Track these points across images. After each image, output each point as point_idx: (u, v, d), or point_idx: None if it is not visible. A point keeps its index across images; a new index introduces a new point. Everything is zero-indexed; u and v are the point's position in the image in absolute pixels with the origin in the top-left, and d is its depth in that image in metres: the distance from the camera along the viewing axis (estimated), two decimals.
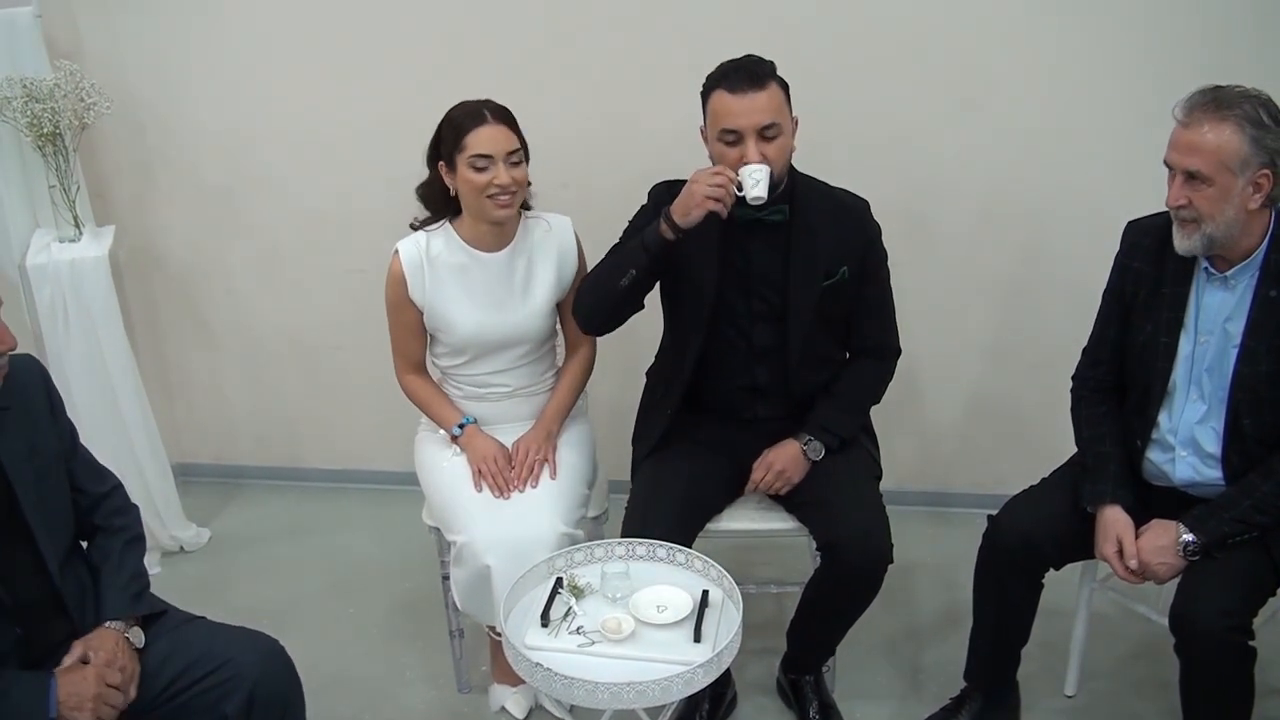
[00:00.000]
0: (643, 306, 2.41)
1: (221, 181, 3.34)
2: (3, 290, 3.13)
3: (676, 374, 2.46)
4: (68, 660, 1.88)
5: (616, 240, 2.45)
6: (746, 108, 2.21)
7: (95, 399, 3.05)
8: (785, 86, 2.28)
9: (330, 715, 2.60)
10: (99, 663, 1.87)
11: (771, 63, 2.28)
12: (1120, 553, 2.15)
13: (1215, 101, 1.99)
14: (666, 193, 2.41)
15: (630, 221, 2.46)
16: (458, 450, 2.51)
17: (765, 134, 2.23)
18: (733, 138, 2.23)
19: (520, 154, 2.38)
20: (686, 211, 2.20)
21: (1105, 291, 2.30)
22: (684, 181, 2.41)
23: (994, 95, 2.92)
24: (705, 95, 2.29)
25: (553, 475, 2.45)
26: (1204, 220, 2.02)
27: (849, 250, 2.37)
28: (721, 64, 2.28)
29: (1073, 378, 2.39)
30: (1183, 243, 2.07)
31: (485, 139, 2.32)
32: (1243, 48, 2.71)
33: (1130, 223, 2.27)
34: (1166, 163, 2.05)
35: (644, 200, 2.47)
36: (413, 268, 2.45)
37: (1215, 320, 2.13)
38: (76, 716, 1.81)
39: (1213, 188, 1.99)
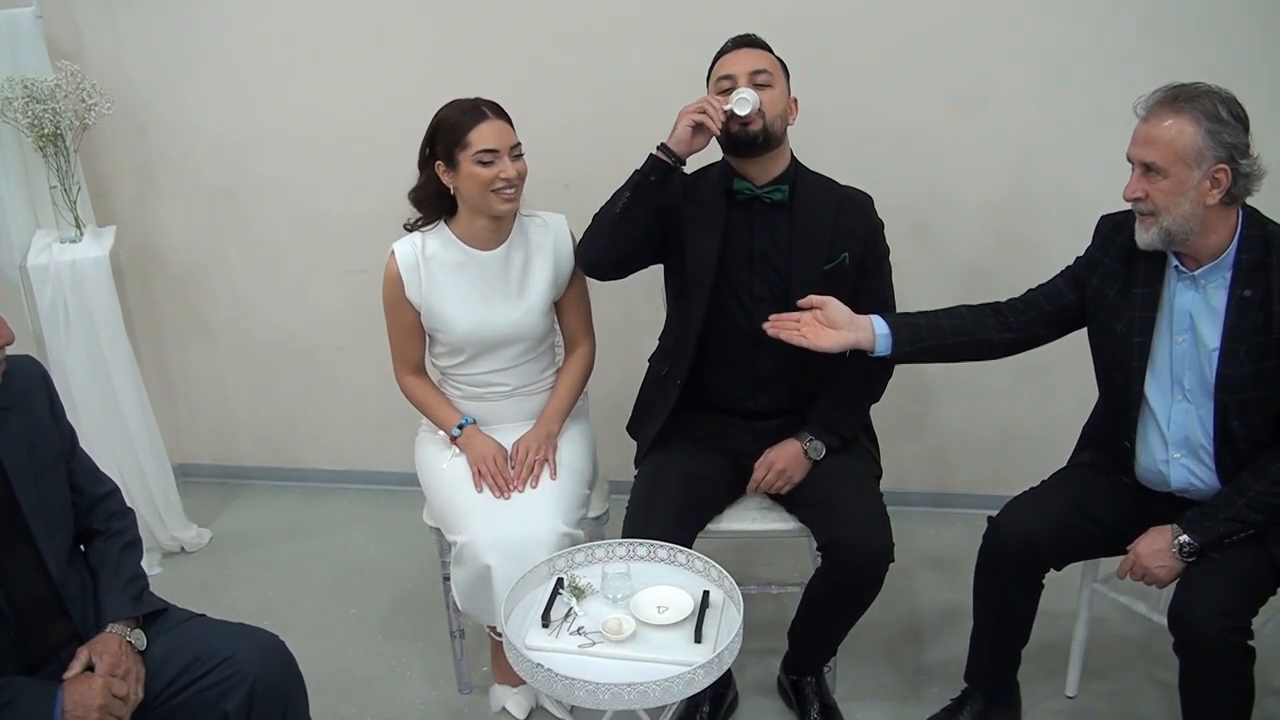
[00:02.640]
0: (644, 263, 2.44)
1: (222, 182, 3.34)
2: (3, 291, 3.16)
3: (681, 352, 2.46)
4: (74, 668, 1.88)
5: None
6: (740, 58, 2.34)
7: (96, 399, 3.06)
8: (785, 67, 2.38)
9: (330, 715, 2.61)
10: (104, 669, 1.86)
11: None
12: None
13: (1174, 96, 2.01)
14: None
15: None
16: (457, 451, 2.51)
17: (756, 79, 2.31)
18: (727, 83, 2.32)
19: (520, 147, 2.41)
20: (673, 130, 2.29)
21: (1074, 261, 2.30)
22: (689, 175, 2.43)
23: (996, 96, 2.92)
24: (709, 75, 2.39)
25: (553, 475, 2.45)
26: (1160, 213, 2.04)
27: (851, 237, 2.39)
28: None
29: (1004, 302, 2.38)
30: (1141, 236, 2.09)
31: (489, 134, 2.35)
32: (1245, 48, 2.71)
33: (1104, 216, 2.28)
34: (1127, 157, 2.08)
35: None
36: (408, 267, 2.46)
37: (1186, 320, 2.13)
38: None
39: (1167, 180, 2.01)
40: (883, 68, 2.93)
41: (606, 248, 2.39)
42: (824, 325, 2.30)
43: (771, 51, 2.37)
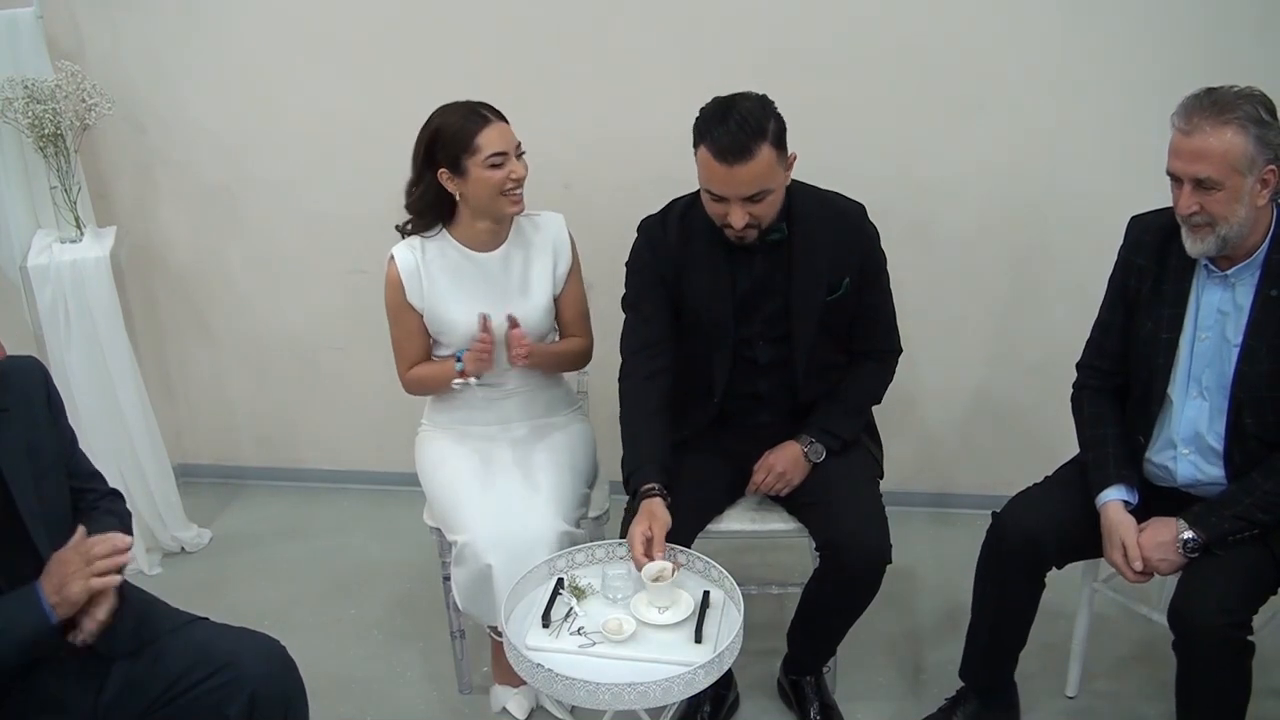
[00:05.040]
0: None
1: (222, 182, 3.34)
2: (4, 291, 3.16)
3: (699, 413, 2.44)
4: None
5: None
6: (731, 179, 2.15)
7: (96, 399, 3.06)
8: (779, 136, 2.19)
9: (331, 716, 2.61)
10: (73, 542, 1.83)
11: (761, 108, 2.17)
12: (1126, 555, 2.15)
13: (1214, 106, 1.99)
14: (659, 225, 2.40)
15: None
16: (474, 381, 2.44)
17: (751, 198, 2.20)
18: (715, 197, 2.22)
19: (521, 145, 2.41)
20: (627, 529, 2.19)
21: (1109, 280, 2.31)
22: (671, 204, 2.40)
23: (995, 98, 2.92)
24: (695, 140, 2.20)
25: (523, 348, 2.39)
26: (1218, 223, 2.02)
27: (849, 260, 2.37)
28: (710, 110, 2.18)
29: (1077, 365, 2.38)
30: (1196, 246, 2.07)
31: (496, 137, 2.35)
32: (1244, 48, 2.71)
33: (1134, 218, 2.28)
34: (1171, 172, 2.04)
35: (642, 208, 2.46)
36: (409, 273, 2.46)
37: (1214, 317, 2.14)
38: (70, 592, 1.78)
39: (1223, 191, 1.99)
40: (883, 71, 2.92)
41: None
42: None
43: (765, 134, 2.13)
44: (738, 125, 2.13)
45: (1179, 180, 2.04)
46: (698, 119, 2.20)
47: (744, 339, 2.39)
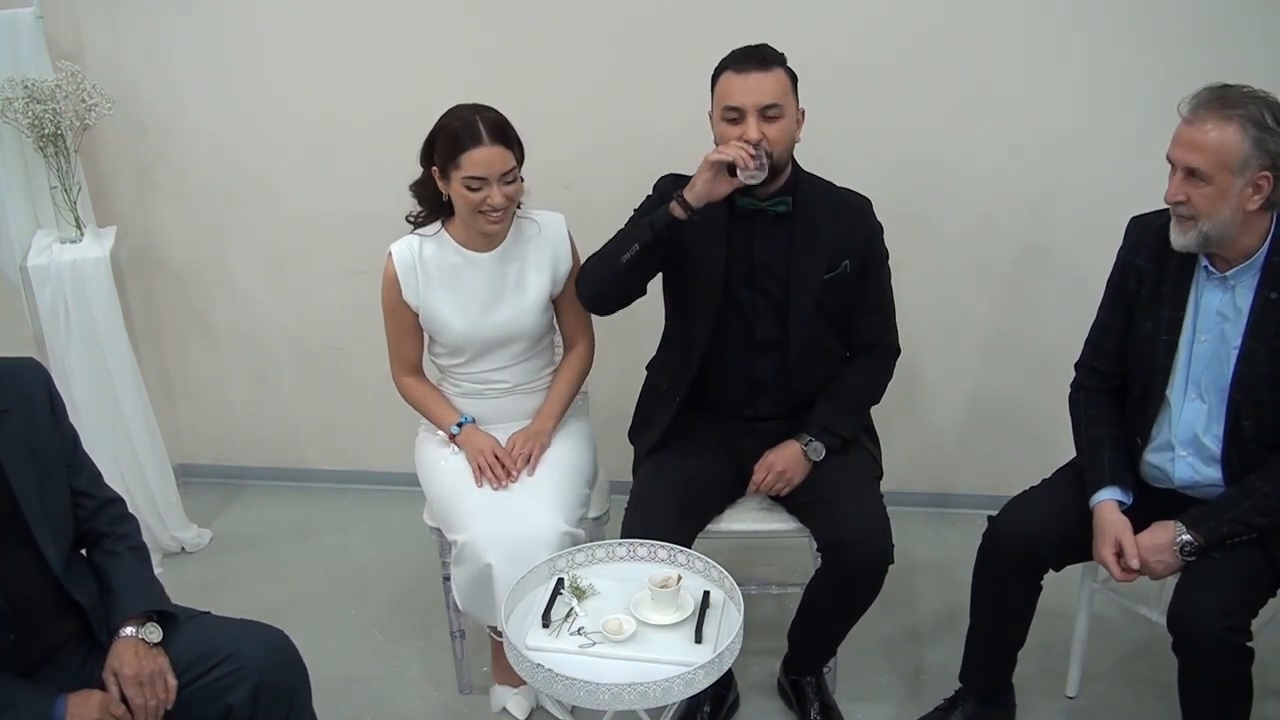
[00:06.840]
0: (645, 292, 2.42)
1: (223, 182, 3.34)
2: (4, 291, 3.16)
3: (682, 367, 2.46)
4: (112, 691, 1.88)
5: (621, 228, 2.45)
6: (750, 86, 2.25)
7: (96, 400, 3.06)
8: (794, 77, 2.31)
9: (331, 716, 2.60)
10: (129, 682, 1.87)
11: (782, 54, 2.31)
12: (1119, 554, 2.15)
13: (1221, 100, 1.99)
14: (673, 185, 2.42)
15: (635, 210, 2.46)
16: (456, 449, 2.51)
17: (767, 113, 2.25)
18: (735, 115, 2.26)
19: (514, 172, 2.37)
20: (694, 185, 2.23)
21: (1108, 281, 2.31)
22: (690, 176, 2.42)
23: (996, 96, 2.92)
24: (714, 79, 2.32)
25: (530, 472, 2.44)
26: (1200, 218, 2.03)
27: (851, 245, 2.38)
28: (733, 50, 2.32)
29: (1076, 366, 2.38)
30: (1179, 239, 2.08)
31: (480, 161, 2.31)
32: (1247, 48, 2.70)
33: (1134, 218, 2.28)
34: (1169, 158, 2.06)
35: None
36: (405, 269, 2.46)
37: (1213, 319, 2.14)
38: None
39: (1211, 186, 2.00)
40: (885, 69, 2.92)
41: (612, 290, 2.39)
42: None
43: (783, 63, 2.30)
44: (759, 47, 2.31)
45: (1174, 167, 2.05)
46: (720, 62, 2.32)
47: (742, 306, 2.39)
